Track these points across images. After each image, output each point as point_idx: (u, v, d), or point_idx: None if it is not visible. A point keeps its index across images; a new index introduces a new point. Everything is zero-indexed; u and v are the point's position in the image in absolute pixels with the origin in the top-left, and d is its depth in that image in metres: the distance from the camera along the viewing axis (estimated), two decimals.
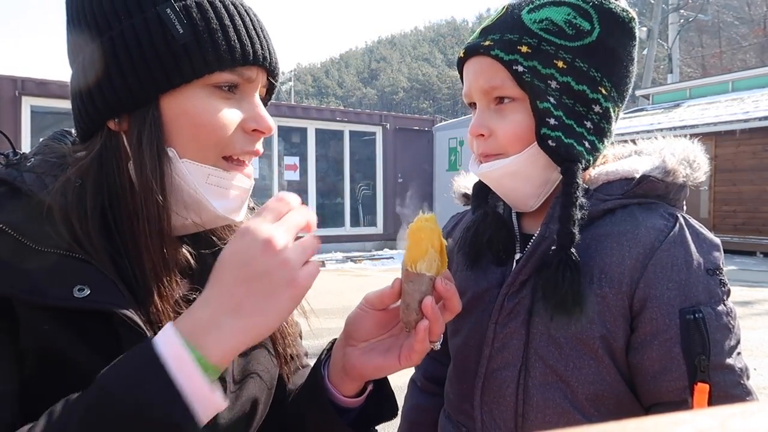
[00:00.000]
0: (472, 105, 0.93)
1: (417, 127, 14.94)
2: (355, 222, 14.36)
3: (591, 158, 0.87)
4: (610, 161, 0.95)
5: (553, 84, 0.85)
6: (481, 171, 0.92)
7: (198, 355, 0.54)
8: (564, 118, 0.85)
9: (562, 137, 0.84)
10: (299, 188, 13.33)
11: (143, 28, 0.64)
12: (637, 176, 0.88)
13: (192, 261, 0.75)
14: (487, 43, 0.87)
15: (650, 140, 0.98)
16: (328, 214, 14.10)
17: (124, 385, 0.51)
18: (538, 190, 0.89)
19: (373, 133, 14.43)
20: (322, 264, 11.44)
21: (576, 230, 0.82)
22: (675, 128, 13.75)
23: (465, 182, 1.13)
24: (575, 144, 0.85)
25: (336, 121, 13.92)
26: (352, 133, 14.17)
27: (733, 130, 13.20)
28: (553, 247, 0.84)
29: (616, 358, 0.83)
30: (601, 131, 0.89)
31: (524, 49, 0.84)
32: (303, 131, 13.52)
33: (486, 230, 0.95)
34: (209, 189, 0.69)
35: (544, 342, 0.85)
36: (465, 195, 1.11)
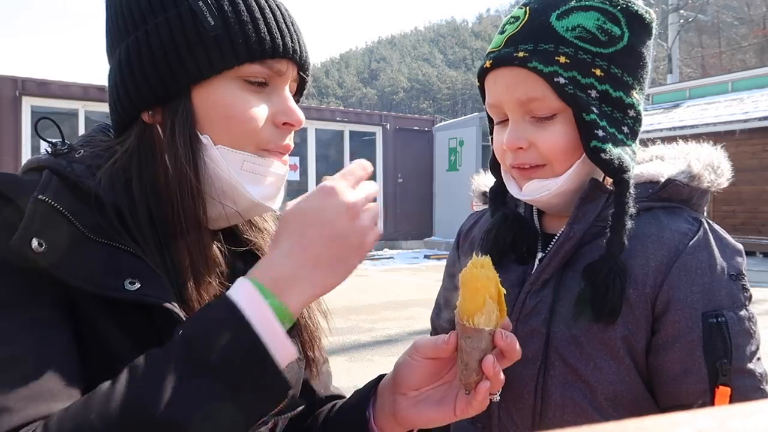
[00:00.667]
0: (500, 123, 0.91)
1: (417, 127, 14.94)
2: None
3: (632, 163, 0.87)
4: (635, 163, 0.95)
5: (593, 93, 0.84)
6: (527, 198, 0.91)
7: (277, 305, 0.57)
8: (608, 127, 0.84)
9: (612, 147, 0.84)
10: (299, 188, 13.33)
11: (177, 21, 0.66)
12: (663, 180, 0.89)
13: (222, 260, 0.74)
14: (521, 54, 0.83)
15: (672, 145, 0.98)
16: None
17: (205, 336, 0.54)
18: (576, 195, 0.89)
19: (373, 133, 14.43)
20: None
21: (626, 240, 0.82)
22: (674, 128, 13.76)
23: (484, 181, 1.12)
24: (623, 153, 0.85)
25: (336, 121, 13.92)
26: (352, 133, 14.18)
27: (732, 130, 13.20)
28: (599, 254, 0.84)
29: (637, 359, 0.83)
30: (635, 134, 0.90)
31: (562, 59, 0.82)
32: (303, 131, 13.52)
33: (508, 232, 0.95)
34: (244, 175, 0.69)
35: (565, 341, 0.85)
36: (485, 194, 1.11)
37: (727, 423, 0.21)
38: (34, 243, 0.56)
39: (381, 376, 0.78)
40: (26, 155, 9.96)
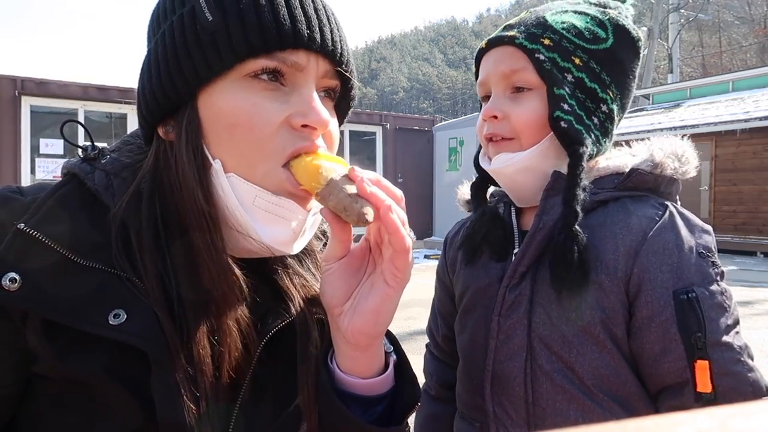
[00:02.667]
0: (485, 98, 0.98)
1: (417, 127, 14.94)
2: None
3: (594, 151, 0.92)
4: (602, 159, 0.99)
5: (569, 77, 0.90)
6: (494, 167, 0.95)
7: None
8: (576, 107, 0.90)
9: (573, 122, 0.89)
10: None
11: (179, 23, 0.59)
12: (627, 170, 0.92)
13: (244, 286, 0.64)
14: (511, 34, 0.93)
15: (643, 142, 1.02)
16: None
17: None
18: (542, 183, 0.92)
19: (373, 133, 14.42)
20: None
21: (579, 209, 0.85)
22: (675, 128, 13.74)
23: (465, 190, 1.16)
24: (584, 131, 0.90)
25: (344, 122, 13.91)
26: (352, 133, 14.17)
27: (733, 130, 13.19)
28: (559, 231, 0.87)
29: (619, 344, 0.85)
30: (605, 130, 0.95)
31: (546, 41, 0.91)
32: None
33: (482, 227, 0.99)
34: (256, 212, 0.60)
35: (548, 330, 0.88)
36: (467, 202, 1.14)
37: (728, 423, 0.21)
38: (6, 281, 0.53)
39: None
40: (25, 154, 9.95)
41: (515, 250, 0.97)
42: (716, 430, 0.21)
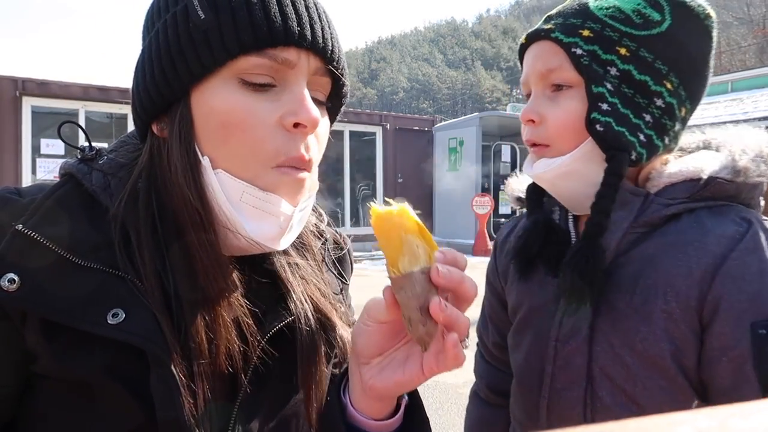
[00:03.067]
0: (528, 97, 0.89)
1: (417, 127, 14.94)
2: (355, 222, 14.35)
3: (644, 152, 0.81)
4: (672, 158, 0.87)
5: (613, 71, 0.80)
6: (534, 173, 0.87)
7: None
8: (619, 105, 0.80)
9: (613, 124, 0.79)
10: None
11: (172, 21, 0.60)
12: (704, 177, 0.80)
13: (240, 285, 0.66)
14: (548, 26, 0.84)
15: (721, 128, 0.90)
16: (328, 214, 14.07)
17: None
18: (595, 190, 0.82)
19: (373, 133, 14.43)
20: None
21: (606, 224, 0.78)
22: None
23: (518, 185, 1.06)
24: (627, 133, 0.79)
25: (336, 121, 13.91)
26: (352, 133, 14.17)
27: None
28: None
29: (690, 377, 0.76)
30: (662, 128, 0.82)
31: (586, 33, 0.81)
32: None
33: (536, 239, 0.90)
34: (243, 208, 0.60)
35: (610, 360, 0.79)
36: (519, 199, 1.04)
37: (727, 422, 0.21)
38: (5, 282, 0.54)
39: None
40: (26, 155, 9.95)
41: None
42: (716, 430, 0.21)
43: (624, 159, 0.79)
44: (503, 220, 13.99)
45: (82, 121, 10.59)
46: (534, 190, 0.96)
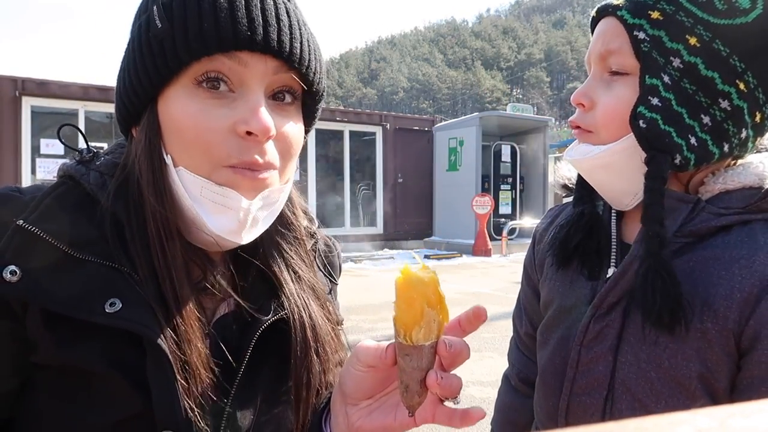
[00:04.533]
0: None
1: (417, 127, 14.95)
2: (355, 222, 14.36)
3: (692, 157, 0.72)
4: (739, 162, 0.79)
5: (676, 62, 0.72)
6: (570, 157, 0.82)
7: None
8: (673, 102, 0.72)
9: (659, 121, 0.71)
10: (299, 188, 13.29)
11: (137, 32, 0.63)
12: (765, 187, 0.73)
13: (234, 281, 0.69)
14: (618, 2, 0.76)
15: None
16: (328, 214, 14.10)
17: None
18: (635, 187, 0.76)
19: (373, 133, 14.44)
20: None
21: (664, 233, 0.71)
22: None
23: (568, 171, 0.98)
24: (674, 134, 0.72)
25: (336, 121, 13.92)
26: (352, 133, 14.18)
27: None
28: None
29: (718, 399, 0.71)
30: (722, 133, 0.73)
31: (655, 15, 0.72)
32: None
33: (577, 234, 0.84)
34: (204, 203, 0.62)
35: (633, 374, 0.75)
36: (565, 186, 0.97)
37: (727, 422, 0.21)
38: (6, 274, 0.57)
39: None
40: (26, 155, 9.96)
41: (610, 270, 0.82)
42: (716, 430, 0.20)
43: (664, 162, 0.72)
44: (503, 220, 14.01)
45: (81, 121, 10.60)
46: (583, 179, 0.88)
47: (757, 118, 0.74)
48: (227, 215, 0.63)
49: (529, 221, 13.55)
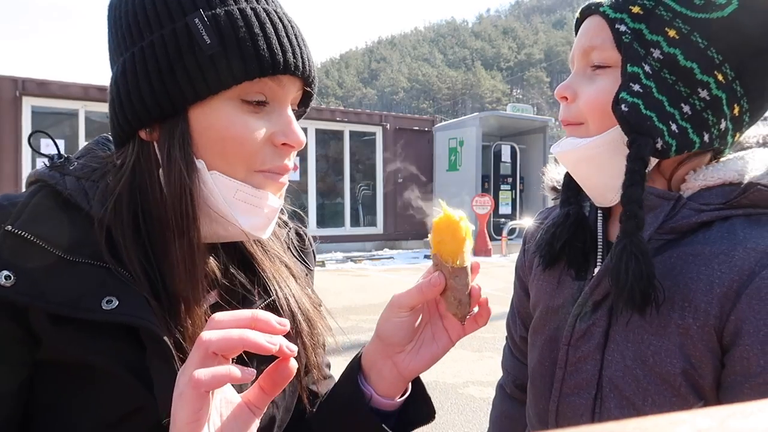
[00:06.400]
0: None
1: (417, 127, 14.95)
2: (355, 222, 14.36)
3: (673, 143, 0.73)
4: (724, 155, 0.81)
5: (656, 53, 0.74)
6: (557, 150, 0.83)
7: None
8: (654, 90, 0.73)
9: (641, 106, 0.73)
10: (299, 188, 13.33)
11: (172, 38, 0.64)
12: (744, 182, 0.73)
13: (218, 272, 0.73)
14: (601, 0, 0.79)
15: None
16: (328, 214, 14.10)
17: None
18: (618, 182, 0.76)
19: (373, 133, 14.44)
20: (322, 264, 11.50)
21: (642, 215, 0.71)
22: None
23: (556, 174, 1.00)
24: (655, 119, 0.73)
25: (336, 121, 13.93)
26: (352, 133, 14.18)
27: None
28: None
29: (705, 396, 0.71)
30: (701, 122, 0.74)
31: (636, 9, 0.75)
32: (303, 131, 13.49)
33: (563, 234, 0.86)
34: (237, 204, 0.67)
35: (620, 371, 0.76)
36: (554, 189, 0.99)
37: (727, 422, 0.21)
38: (1, 278, 0.57)
39: (357, 358, 0.78)
40: (26, 155, 9.95)
41: (596, 268, 0.83)
42: (715, 430, 0.20)
43: (646, 144, 0.72)
44: (503, 220, 14.01)
45: (82, 121, 10.61)
46: (571, 179, 0.89)
47: (735, 111, 0.75)
48: (258, 214, 0.69)
49: (529, 221, 13.48)
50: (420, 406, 0.79)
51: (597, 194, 0.82)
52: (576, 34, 0.85)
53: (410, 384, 0.78)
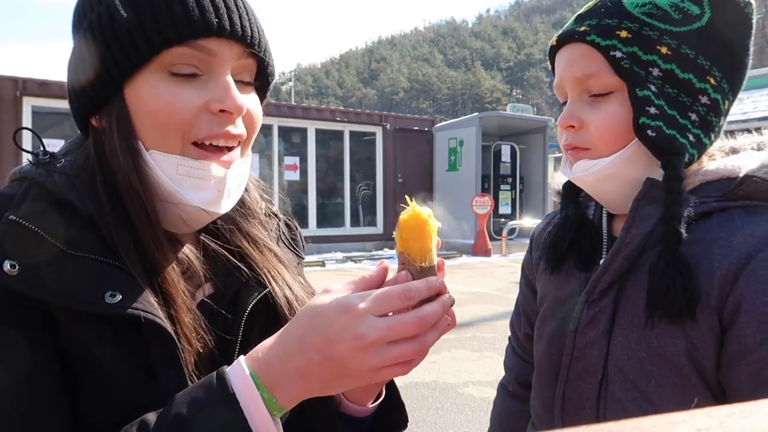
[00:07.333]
0: (564, 103, 0.87)
1: (417, 127, 14.95)
2: (355, 222, 14.36)
3: (695, 153, 0.79)
4: (717, 157, 0.85)
5: (655, 71, 0.78)
6: (574, 175, 0.86)
7: (268, 397, 0.56)
8: (666, 107, 0.78)
9: (663, 127, 0.77)
10: (299, 188, 13.33)
11: (97, 21, 0.64)
12: (740, 175, 0.77)
13: (199, 264, 0.72)
14: (582, 28, 0.81)
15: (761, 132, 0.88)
16: (328, 214, 14.10)
17: (199, 418, 0.54)
18: (635, 191, 0.81)
19: (373, 133, 14.44)
20: (322, 264, 11.49)
21: (683, 229, 0.75)
22: None
23: (562, 179, 1.03)
24: (677, 135, 0.78)
25: (336, 121, 13.93)
26: (352, 133, 14.18)
27: (731, 130, 13.16)
28: (657, 248, 0.77)
29: (707, 376, 0.74)
30: (708, 125, 0.80)
31: (624, 34, 0.78)
32: (303, 131, 13.53)
33: (567, 234, 0.90)
34: (181, 180, 0.66)
35: (625, 355, 0.79)
36: (560, 193, 1.03)
37: (726, 422, 0.21)
38: (6, 266, 0.56)
39: None
40: (26, 155, 9.95)
41: (602, 260, 0.87)
42: (715, 429, 0.21)
43: (680, 162, 0.76)
44: (503, 220, 14.01)
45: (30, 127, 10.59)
46: (570, 186, 0.95)
47: (726, 106, 0.82)
48: (205, 187, 0.67)
49: (528, 221, 13.55)
50: (394, 412, 0.76)
51: (617, 204, 0.87)
52: (551, 60, 0.88)
53: (384, 389, 0.75)
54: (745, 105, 14.15)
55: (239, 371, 0.56)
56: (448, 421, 3.70)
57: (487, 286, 8.49)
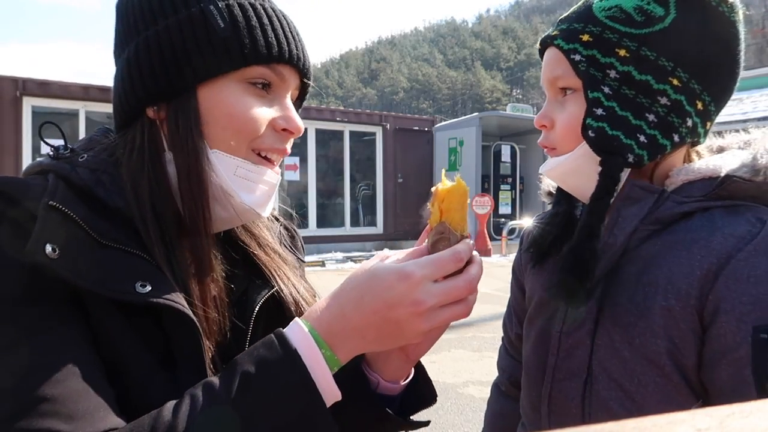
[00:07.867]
0: None
1: (417, 127, 14.95)
2: (355, 222, 14.36)
3: (644, 154, 0.80)
4: (705, 156, 0.86)
5: (612, 73, 0.80)
6: (544, 170, 0.91)
7: (329, 354, 0.61)
8: (617, 109, 0.80)
9: (606, 128, 0.80)
10: (299, 188, 13.33)
11: (187, 22, 0.69)
12: (721, 175, 0.78)
13: (218, 262, 0.74)
14: (554, 33, 0.86)
15: (746, 132, 0.90)
16: (328, 214, 14.10)
17: (265, 375, 0.57)
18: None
19: (373, 133, 14.44)
20: (322, 264, 11.51)
21: (598, 229, 0.79)
22: None
23: (550, 180, 1.06)
24: (621, 136, 0.79)
25: (336, 121, 13.93)
26: (352, 133, 14.18)
27: (731, 130, 13.18)
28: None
29: (688, 376, 0.75)
30: (668, 126, 0.80)
31: (585, 37, 0.81)
32: (303, 131, 13.51)
33: (552, 230, 0.93)
34: (237, 181, 0.71)
35: (609, 354, 0.80)
36: (550, 193, 1.06)
37: (726, 422, 0.21)
38: (48, 249, 0.57)
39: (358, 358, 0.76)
40: (27, 155, 9.96)
41: None
42: (714, 429, 0.21)
43: (616, 163, 0.80)
44: (503, 220, 14.01)
45: (82, 121, 10.60)
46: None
47: (700, 106, 0.81)
48: (258, 190, 0.73)
49: (528, 221, 13.53)
50: (423, 387, 0.79)
51: (587, 198, 0.88)
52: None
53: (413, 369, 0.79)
54: (745, 105, 14.15)
55: (298, 331, 0.61)
56: (448, 421, 3.70)
57: (487, 286, 8.48)
